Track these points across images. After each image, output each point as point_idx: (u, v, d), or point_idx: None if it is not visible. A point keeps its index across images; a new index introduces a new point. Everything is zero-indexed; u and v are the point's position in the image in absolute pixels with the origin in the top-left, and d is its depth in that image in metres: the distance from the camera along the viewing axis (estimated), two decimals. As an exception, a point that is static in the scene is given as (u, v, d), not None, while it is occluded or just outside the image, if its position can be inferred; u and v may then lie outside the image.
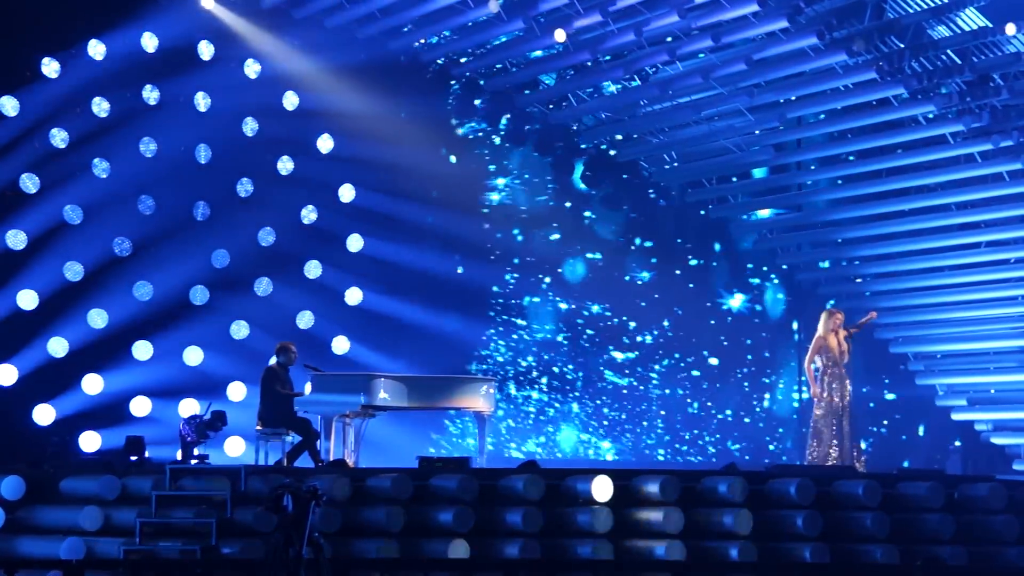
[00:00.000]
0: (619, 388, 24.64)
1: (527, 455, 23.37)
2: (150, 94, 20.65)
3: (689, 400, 24.99)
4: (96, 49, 20.24)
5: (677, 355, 25.08)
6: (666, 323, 25.09)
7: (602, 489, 14.47)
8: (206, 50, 21.04)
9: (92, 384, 20.13)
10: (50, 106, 20.05)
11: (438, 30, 22.23)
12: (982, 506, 15.01)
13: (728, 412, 25.18)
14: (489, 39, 22.45)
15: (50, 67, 20.03)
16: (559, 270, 24.49)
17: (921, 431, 24.99)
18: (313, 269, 22.02)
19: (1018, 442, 23.13)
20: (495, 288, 23.98)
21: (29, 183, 19.93)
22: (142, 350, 20.60)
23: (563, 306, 24.46)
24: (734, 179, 24.50)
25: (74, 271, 20.20)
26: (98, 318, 20.27)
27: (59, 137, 20.16)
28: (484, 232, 23.88)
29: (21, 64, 19.91)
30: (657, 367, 24.90)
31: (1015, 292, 22.16)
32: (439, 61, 23.20)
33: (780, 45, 20.60)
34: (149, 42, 20.54)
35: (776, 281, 25.65)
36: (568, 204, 24.77)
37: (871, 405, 24.49)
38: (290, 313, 21.67)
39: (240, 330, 21.32)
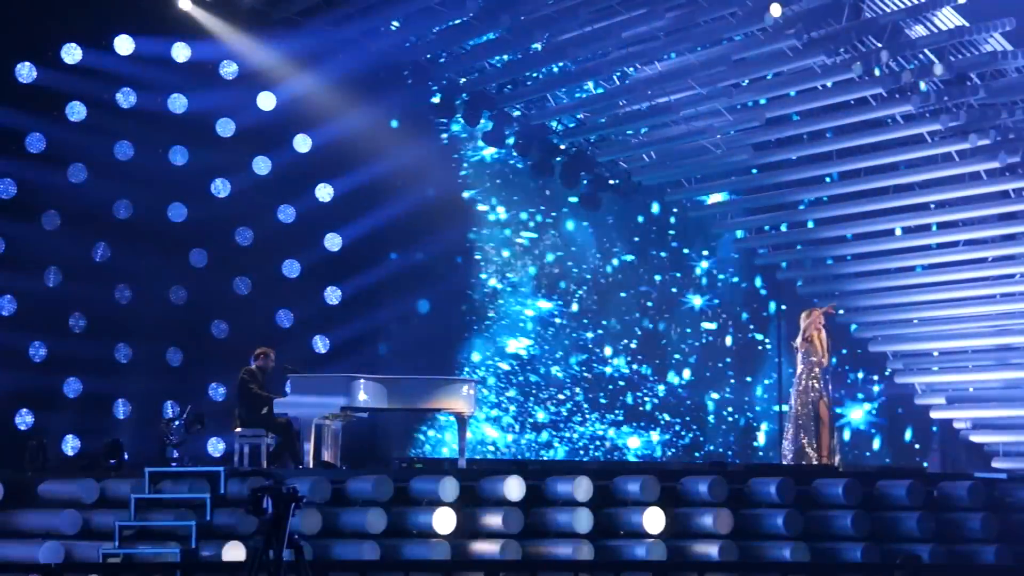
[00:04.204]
0: (608, 385, 24.72)
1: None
2: (126, 97, 20.58)
3: (672, 398, 25.03)
4: (71, 53, 20.16)
5: (659, 352, 25.11)
6: (647, 323, 25.14)
7: (583, 489, 14.48)
8: (182, 52, 20.97)
9: (72, 387, 20.06)
10: (25, 111, 19.95)
11: (418, 31, 22.19)
12: (961, 504, 15.08)
13: (708, 410, 25.22)
14: (469, 40, 22.43)
15: (25, 72, 19.94)
16: (537, 269, 24.50)
17: (900, 430, 25.06)
18: (292, 268, 21.98)
19: (997, 440, 23.22)
20: (476, 288, 24.00)
21: (6, 187, 19.83)
22: (122, 352, 20.54)
23: (540, 306, 24.48)
24: (713, 179, 24.51)
25: (53, 275, 20.12)
26: (78, 321, 20.21)
27: (35, 142, 20.07)
28: (465, 232, 23.89)
29: (-3, 69, 19.85)
30: (641, 367, 24.94)
31: (993, 290, 22.23)
32: (418, 61, 23.16)
33: (759, 46, 20.64)
34: (125, 45, 20.46)
35: (754, 280, 25.70)
36: (547, 205, 24.81)
37: (845, 404, 24.55)
38: (269, 313, 21.62)
39: (220, 330, 21.27)
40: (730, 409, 25.36)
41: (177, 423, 16.80)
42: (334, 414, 16.56)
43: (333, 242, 22.25)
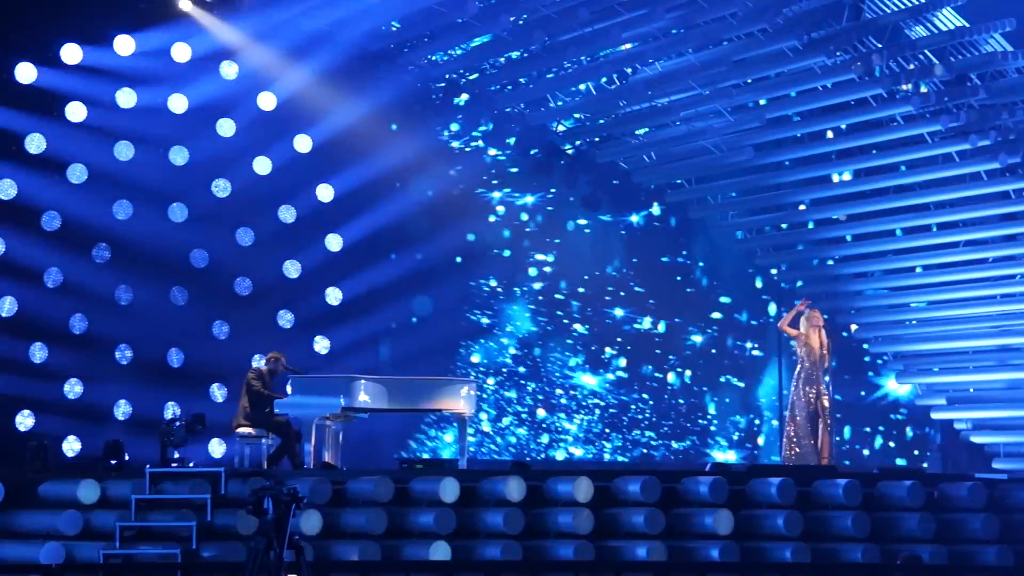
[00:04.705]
0: (609, 385, 24.73)
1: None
2: (126, 97, 20.55)
3: (673, 400, 25.03)
4: (71, 53, 20.12)
5: (660, 354, 25.12)
6: (647, 323, 25.14)
7: (583, 490, 14.48)
8: (183, 52, 20.96)
9: (72, 388, 20.04)
10: (25, 111, 19.93)
11: (419, 32, 22.19)
12: (962, 505, 15.08)
13: (709, 411, 25.21)
14: (470, 40, 22.44)
15: (25, 72, 19.90)
16: (538, 270, 24.51)
17: (901, 430, 25.06)
18: (292, 269, 21.98)
19: (997, 440, 23.20)
20: (476, 287, 24.00)
21: (6, 188, 19.80)
22: (122, 353, 20.52)
23: (541, 306, 24.48)
24: (713, 180, 24.52)
25: (53, 276, 20.10)
26: (79, 323, 20.19)
27: (35, 143, 20.05)
28: (465, 232, 23.88)
29: (-3, 70, 19.83)
30: (641, 368, 24.95)
31: (993, 291, 22.23)
32: (419, 63, 23.15)
33: (759, 46, 20.66)
34: (125, 45, 20.43)
35: (754, 281, 25.70)
36: (548, 205, 24.80)
37: (839, 399, 24.53)
38: (270, 313, 21.63)
39: (221, 331, 21.27)
40: (731, 410, 25.36)
41: (178, 424, 16.78)
42: (335, 415, 16.57)
43: (334, 242, 22.27)
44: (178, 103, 20.94)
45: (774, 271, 25.30)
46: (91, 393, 20.14)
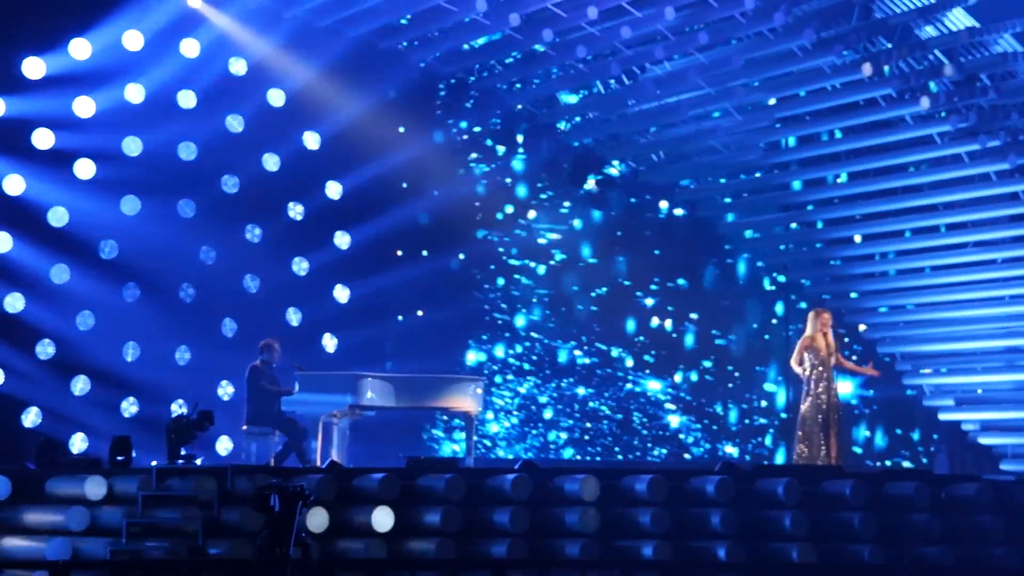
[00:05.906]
0: (616, 385, 24.73)
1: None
2: (134, 92, 20.55)
3: (676, 399, 25.01)
4: (79, 48, 20.13)
5: (667, 353, 25.10)
6: (654, 323, 25.13)
7: (590, 489, 14.47)
8: (191, 47, 20.96)
9: (80, 385, 20.05)
10: (33, 106, 19.94)
11: (427, 30, 22.19)
12: (969, 506, 15.05)
13: (716, 410, 25.19)
14: (478, 38, 22.44)
15: (33, 67, 19.90)
16: (546, 268, 24.50)
17: (908, 431, 25.03)
18: (301, 266, 21.99)
19: (1005, 442, 23.17)
20: (484, 286, 24.00)
21: (13, 184, 19.80)
22: (130, 351, 20.53)
23: (549, 304, 24.48)
24: (722, 179, 24.50)
25: (60, 273, 20.10)
26: (86, 319, 20.19)
27: (42, 138, 20.04)
28: (473, 230, 23.88)
29: (3, 64, 19.80)
30: (649, 367, 24.93)
31: (1002, 292, 22.19)
32: (428, 60, 23.16)
33: (769, 45, 20.64)
34: (133, 40, 20.44)
35: (762, 281, 25.67)
36: (556, 203, 24.79)
37: (853, 403, 24.51)
38: (279, 310, 21.63)
39: (229, 328, 21.28)
40: (738, 409, 25.33)
41: (185, 421, 16.77)
42: (342, 412, 16.56)
43: (342, 240, 22.27)
44: (187, 98, 20.95)
45: (782, 271, 25.26)
46: (98, 390, 20.16)
